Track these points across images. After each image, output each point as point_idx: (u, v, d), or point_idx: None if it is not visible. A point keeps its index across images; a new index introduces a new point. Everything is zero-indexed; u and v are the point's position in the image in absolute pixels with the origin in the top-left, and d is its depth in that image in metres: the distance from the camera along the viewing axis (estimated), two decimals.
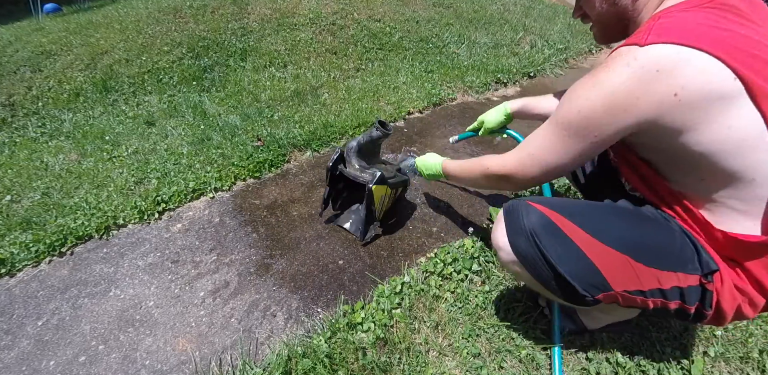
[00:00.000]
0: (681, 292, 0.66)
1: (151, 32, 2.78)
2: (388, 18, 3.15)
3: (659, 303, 0.68)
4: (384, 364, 0.93)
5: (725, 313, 0.65)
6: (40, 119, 2.21)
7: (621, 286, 0.67)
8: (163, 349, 1.02)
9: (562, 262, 0.69)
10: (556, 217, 0.71)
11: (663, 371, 0.91)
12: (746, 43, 0.55)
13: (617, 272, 0.67)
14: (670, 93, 0.55)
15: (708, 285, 0.64)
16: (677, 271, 0.65)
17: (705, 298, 0.65)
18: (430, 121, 2.08)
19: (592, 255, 0.67)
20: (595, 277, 0.68)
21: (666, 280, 0.65)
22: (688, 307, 0.67)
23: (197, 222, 1.43)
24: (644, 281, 0.66)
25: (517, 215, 0.74)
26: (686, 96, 0.54)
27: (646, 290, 0.66)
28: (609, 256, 0.67)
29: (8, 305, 1.15)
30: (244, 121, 1.98)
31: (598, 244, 0.67)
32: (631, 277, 0.67)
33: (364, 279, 1.20)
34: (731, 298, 0.64)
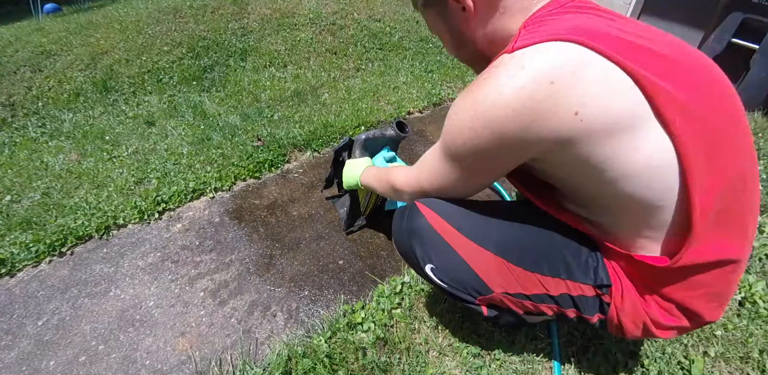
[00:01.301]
0: (573, 301, 0.64)
1: (151, 32, 2.78)
2: (388, 18, 3.15)
3: (556, 309, 0.66)
4: (384, 364, 0.93)
5: (627, 328, 0.62)
6: (40, 119, 2.21)
7: (500, 288, 0.66)
8: (163, 349, 1.02)
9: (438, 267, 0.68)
10: (434, 219, 0.68)
11: (663, 371, 0.91)
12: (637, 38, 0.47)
13: (494, 275, 0.65)
14: (569, 112, 0.44)
15: (604, 297, 0.62)
16: (565, 278, 0.62)
17: (603, 309, 0.63)
18: (430, 121, 2.08)
19: (468, 258, 0.66)
20: (473, 279, 0.67)
21: (553, 286, 0.63)
22: (588, 317, 0.64)
23: (197, 222, 1.43)
24: (526, 285, 0.64)
25: (402, 216, 0.72)
26: (589, 114, 0.44)
27: (530, 294, 0.65)
28: (484, 258, 0.65)
29: (8, 305, 1.15)
30: (244, 121, 1.98)
31: (475, 246, 0.65)
32: (510, 280, 0.65)
33: (364, 279, 1.20)
34: (634, 314, 0.60)
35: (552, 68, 0.44)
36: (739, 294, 1.09)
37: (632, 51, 0.45)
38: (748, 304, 1.07)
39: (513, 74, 0.46)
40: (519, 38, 0.50)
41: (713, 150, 0.48)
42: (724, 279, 0.56)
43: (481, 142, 0.52)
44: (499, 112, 0.48)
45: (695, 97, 0.46)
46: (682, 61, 0.48)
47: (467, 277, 0.67)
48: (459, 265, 0.67)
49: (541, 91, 0.44)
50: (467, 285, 0.68)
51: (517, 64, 0.46)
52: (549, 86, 0.44)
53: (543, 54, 0.45)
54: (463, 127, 0.53)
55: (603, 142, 0.46)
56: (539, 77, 0.45)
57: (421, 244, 0.69)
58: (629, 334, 0.63)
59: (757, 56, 2.12)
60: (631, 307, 0.60)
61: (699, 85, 0.48)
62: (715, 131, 0.48)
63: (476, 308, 0.72)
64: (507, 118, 0.47)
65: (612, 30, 0.47)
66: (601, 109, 0.44)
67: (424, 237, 0.69)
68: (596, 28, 0.47)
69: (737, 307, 1.07)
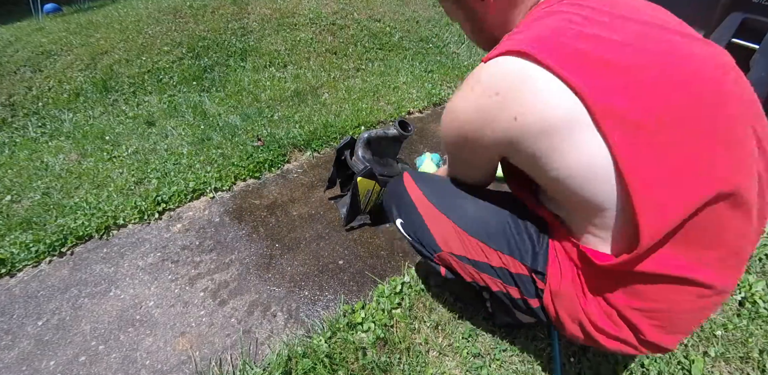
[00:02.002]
0: (512, 278, 0.69)
1: (151, 32, 2.78)
2: (388, 18, 3.15)
3: (500, 285, 0.71)
4: (384, 364, 0.93)
5: (564, 321, 0.63)
6: (40, 119, 2.21)
7: (447, 247, 0.76)
8: (163, 349, 1.02)
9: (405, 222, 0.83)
10: (411, 186, 0.83)
11: (663, 371, 0.91)
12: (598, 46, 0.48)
13: (443, 234, 0.76)
14: (510, 118, 0.51)
15: (538, 282, 0.66)
16: (505, 253, 0.69)
17: (540, 294, 0.67)
18: (430, 121, 2.08)
19: (425, 216, 0.79)
20: (428, 237, 0.78)
21: (493, 258, 0.70)
22: (529, 299, 0.68)
23: (197, 222, 1.43)
24: (469, 250, 0.73)
25: (392, 182, 0.91)
26: (527, 120, 0.50)
27: (471, 259, 0.73)
28: (437, 217, 0.77)
29: (8, 305, 1.15)
30: (244, 121, 1.98)
31: (431, 206, 0.78)
32: (455, 241, 0.75)
33: (364, 279, 1.20)
34: (570, 306, 0.61)
35: (498, 82, 0.52)
36: (739, 294, 1.09)
37: (584, 63, 0.47)
38: (748, 304, 1.07)
39: (472, 86, 0.56)
40: (501, 43, 0.55)
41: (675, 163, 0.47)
42: (673, 298, 0.53)
43: (455, 141, 0.65)
44: (459, 118, 0.60)
45: (658, 110, 0.46)
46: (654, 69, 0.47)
47: (424, 234, 0.80)
48: (419, 224, 0.80)
49: (488, 102, 0.53)
50: (424, 241, 0.80)
51: (477, 77, 0.55)
52: (495, 97, 0.52)
53: (494, 68, 0.53)
54: (443, 125, 0.66)
55: (540, 141, 0.51)
56: (487, 90, 0.53)
57: (397, 202, 0.86)
58: (568, 332, 0.64)
59: (757, 56, 2.12)
60: (568, 297, 0.61)
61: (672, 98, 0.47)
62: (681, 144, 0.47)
63: (435, 267, 0.83)
64: (465, 123, 0.59)
65: (578, 39, 0.49)
66: (537, 115, 0.49)
67: (400, 198, 0.85)
68: (559, 36, 0.50)
69: (737, 307, 1.07)
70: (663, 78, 0.47)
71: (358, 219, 1.38)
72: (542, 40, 0.50)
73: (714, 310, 0.60)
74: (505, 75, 0.51)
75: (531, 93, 0.49)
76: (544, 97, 0.48)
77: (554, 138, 0.49)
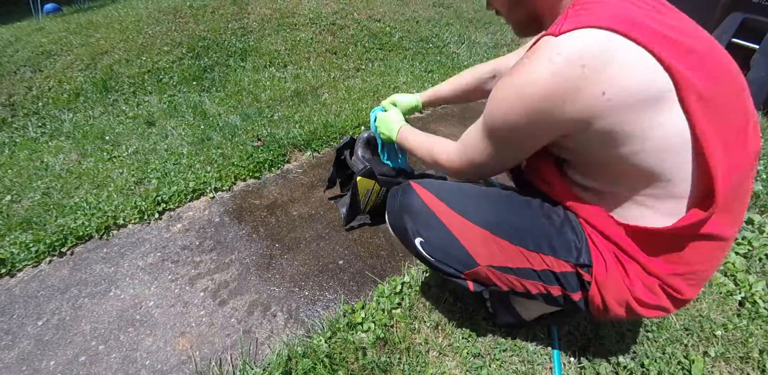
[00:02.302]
0: (556, 277, 0.66)
1: (151, 32, 2.78)
2: (388, 18, 3.15)
3: (541, 287, 0.68)
4: (384, 364, 0.93)
5: (610, 306, 0.65)
6: (40, 119, 2.21)
7: (485, 260, 0.69)
8: (163, 349, 1.02)
9: (426, 240, 0.73)
10: (428, 196, 0.74)
11: (663, 371, 0.91)
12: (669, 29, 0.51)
13: (480, 247, 0.69)
14: (598, 92, 0.49)
15: (584, 276, 0.64)
16: (547, 254, 0.66)
17: (585, 286, 0.66)
18: (430, 121, 2.08)
19: (456, 231, 0.71)
20: (460, 252, 0.71)
21: (536, 261, 0.67)
22: (571, 294, 0.67)
23: (197, 222, 1.43)
24: (511, 258, 0.68)
25: (396, 195, 0.80)
26: (615, 94, 0.49)
27: (515, 268, 0.68)
28: (471, 231, 0.70)
29: (8, 305, 1.15)
30: (244, 121, 1.98)
31: (463, 220, 0.70)
32: (495, 253, 0.69)
33: (365, 279, 1.20)
34: (616, 291, 0.63)
35: (584, 53, 0.49)
36: (739, 294, 1.09)
37: (663, 41, 0.49)
38: (748, 304, 1.07)
39: (550, 58, 0.51)
40: (566, 21, 0.53)
41: (729, 142, 0.52)
42: (708, 256, 0.59)
43: (516, 117, 0.57)
44: (535, 90, 0.53)
45: (714, 88, 0.50)
46: (708, 57, 0.52)
47: (454, 249, 0.71)
48: (447, 238, 0.71)
49: (574, 73, 0.49)
50: (453, 258, 0.72)
51: (555, 49, 0.51)
52: (580, 69, 0.49)
53: (578, 40, 0.50)
54: (503, 102, 0.58)
55: (626, 117, 0.50)
56: (572, 61, 0.49)
57: (413, 218, 0.75)
58: (612, 313, 0.65)
59: (757, 56, 2.12)
60: (614, 283, 0.62)
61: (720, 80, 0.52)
62: (731, 126, 0.53)
63: (462, 283, 0.75)
64: (541, 96, 0.53)
65: (650, 21, 0.50)
66: (625, 89, 0.48)
67: (415, 212, 0.75)
68: (634, 17, 0.50)
69: (737, 307, 1.07)
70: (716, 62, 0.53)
71: (357, 219, 1.38)
72: (619, 18, 0.49)
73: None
74: (592, 46, 0.48)
75: (621, 66, 0.48)
76: (634, 71, 0.48)
77: (641, 113, 0.49)
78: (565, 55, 0.50)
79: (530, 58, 0.54)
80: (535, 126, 0.57)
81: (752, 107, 0.57)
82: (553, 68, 0.51)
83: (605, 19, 0.49)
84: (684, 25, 0.54)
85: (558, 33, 0.52)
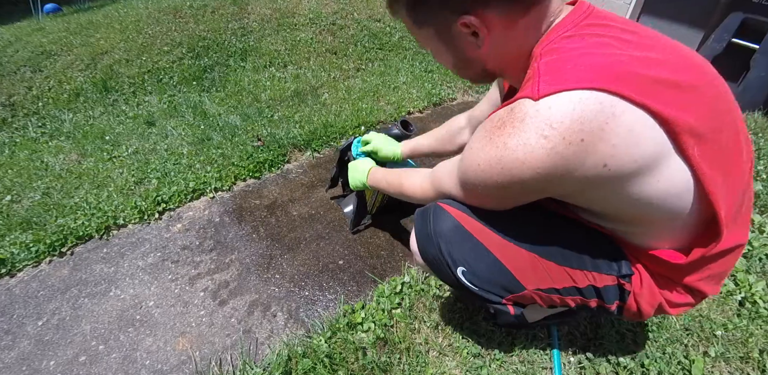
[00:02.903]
0: (598, 291, 0.67)
1: (151, 32, 2.78)
2: (388, 18, 3.15)
3: (579, 301, 0.69)
4: (384, 364, 0.93)
5: (644, 311, 0.67)
6: (40, 119, 2.21)
7: (533, 284, 0.67)
8: (163, 349, 1.02)
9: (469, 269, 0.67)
10: (464, 218, 0.67)
11: (663, 371, 0.91)
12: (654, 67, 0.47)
13: (527, 271, 0.66)
14: (599, 164, 0.46)
15: (625, 285, 0.65)
16: (591, 270, 0.66)
17: (624, 296, 0.66)
18: (430, 121, 2.08)
19: (501, 255, 0.66)
20: (507, 278, 0.67)
21: (580, 279, 0.66)
22: (608, 305, 0.68)
23: (197, 222, 1.43)
24: (557, 279, 0.66)
25: (427, 219, 0.71)
26: (617, 165, 0.46)
27: (560, 288, 0.67)
28: (517, 255, 0.66)
29: (8, 305, 1.15)
30: (244, 121, 1.98)
31: (507, 243, 0.66)
32: (543, 276, 0.66)
33: (365, 279, 1.20)
34: (651, 297, 0.65)
35: (582, 125, 0.44)
36: (739, 294, 1.09)
37: (654, 87, 0.45)
38: (748, 304, 1.07)
39: (543, 133, 0.46)
40: (541, 79, 0.47)
41: (726, 167, 0.52)
42: (729, 262, 0.62)
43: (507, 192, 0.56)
44: (528, 170, 0.49)
45: (708, 119, 0.48)
46: (695, 82, 0.49)
47: (500, 276, 0.67)
48: (492, 265, 0.66)
49: (572, 149, 0.45)
50: (499, 285, 0.68)
51: (544, 121, 0.46)
52: (579, 144, 0.45)
53: (568, 108, 0.45)
54: (482, 173, 0.55)
55: (629, 181, 0.48)
56: (570, 136, 0.45)
57: (452, 245, 0.68)
58: (645, 315, 0.68)
59: (757, 56, 2.12)
60: (648, 291, 0.65)
61: (710, 106, 0.50)
62: (725, 148, 0.52)
63: (502, 308, 0.71)
64: (536, 175, 0.49)
65: (631, 63, 0.46)
66: (629, 157, 0.46)
67: (454, 238, 0.67)
68: (615, 64, 0.46)
69: (737, 307, 1.07)
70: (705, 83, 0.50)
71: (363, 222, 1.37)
72: (602, 71, 0.45)
73: None
74: (590, 116, 0.44)
75: (621, 133, 0.44)
76: (635, 136, 0.45)
77: (644, 175, 0.48)
78: (560, 130, 0.45)
79: (514, 127, 0.49)
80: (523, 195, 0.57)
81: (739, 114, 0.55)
82: (548, 146, 0.46)
83: (588, 76, 0.45)
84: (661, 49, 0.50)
85: (537, 96, 0.46)
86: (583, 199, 0.57)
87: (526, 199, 0.60)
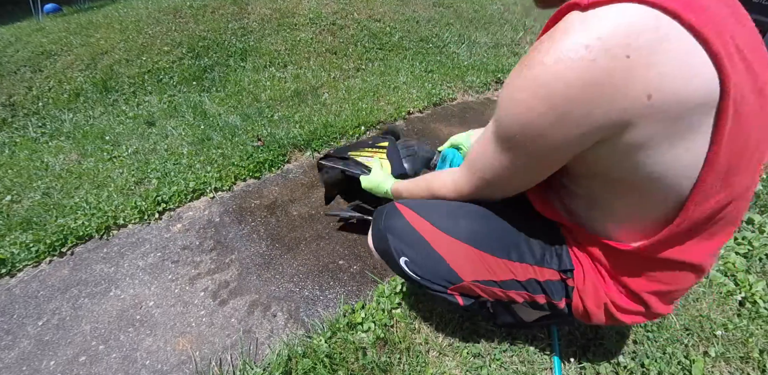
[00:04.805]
0: (541, 286, 0.67)
1: (151, 32, 2.78)
2: (388, 18, 3.15)
3: (526, 296, 0.69)
4: (384, 364, 0.93)
5: (591, 311, 0.65)
6: (40, 119, 2.21)
7: (470, 276, 0.69)
8: (163, 349, 1.02)
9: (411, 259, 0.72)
10: (411, 215, 0.73)
11: (663, 371, 0.91)
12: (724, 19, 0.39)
13: (464, 262, 0.69)
14: (642, 95, 0.38)
15: (568, 281, 0.65)
16: (532, 264, 0.67)
17: (568, 293, 0.67)
18: (430, 121, 2.08)
19: (439, 247, 0.70)
20: (445, 270, 0.70)
21: (521, 272, 0.67)
22: (556, 302, 0.68)
23: (197, 222, 1.43)
24: (495, 271, 0.68)
25: (381, 216, 0.77)
26: (663, 101, 0.38)
27: (499, 281, 0.68)
28: (454, 246, 0.69)
29: (9, 305, 1.15)
30: (244, 121, 1.98)
31: (447, 237, 0.69)
32: (480, 268, 0.68)
33: (365, 279, 1.20)
34: (595, 296, 0.64)
35: (629, 39, 0.37)
36: (739, 294, 1.09)
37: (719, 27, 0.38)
38: (748, 304, 1.07)
39: (586, 43, 0.38)
40: None
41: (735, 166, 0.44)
42: (681, 280, 0.59)
43: (538, 119, 0.44)
44: (564, 85, 0.40)
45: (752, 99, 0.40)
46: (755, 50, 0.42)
47: (439, 267, 0.70)
48: (431, 256, 0.70)
49: (616, 66, 0.38)
50: (438, 276, 0.71)
51: (591, 30, 0.39)
52: (624, 61, 0.37)
53: (621, 21, 0.38)
54: (521, 104, 0.45)
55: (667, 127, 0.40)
56: (615, 50, 0.37)
57: (397, 238, 0.73)
58: (594, 317, 0.66)
59: None
60: (592, 288, 0.64)
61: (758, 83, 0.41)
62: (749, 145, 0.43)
63: (449, 298, 0.74)
64: (572, 92, 0.40)
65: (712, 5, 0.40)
66: (673, 96, 0.38)
67: (400, 232, 0.73)
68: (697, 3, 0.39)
69: (737, 307, 1.07)
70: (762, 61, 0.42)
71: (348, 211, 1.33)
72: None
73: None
74: (639, 30, 0.37)
75: (673, 59, 0.37)
76: (689, 68, 0.37)
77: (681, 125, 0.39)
78: (605, 40, 0.38)
79: (554, 41, 0.41)
80: (552, 136, 0.45)
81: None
82: (589, 57, 0.38)
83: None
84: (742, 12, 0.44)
85: (587, 3, 0.39)
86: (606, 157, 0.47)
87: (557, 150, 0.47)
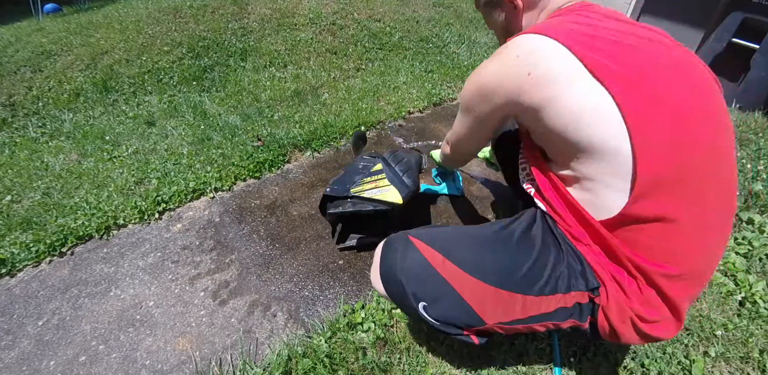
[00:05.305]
0: (570, 312, 0.66)
1: (151, 32, 2.78)
2: (388, 18, 3.15)
3: (551, 325, 0.68)
4: (384, 364, 0.93)
5: (617, 328, 0.64)
6: (40, 119, 2.21)
7: (495, 319, 0.67)
8: (163, 349, 1.02)
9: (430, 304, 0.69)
10: (428, 252, 0.70)
11: (663, 371, 0.91)
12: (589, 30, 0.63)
13: (490, 306, 0.66)
14: (524, 73, 0.63)
15: (596, 299, 0.64)
16: (564, 293, 0.65)
17: (594, 312, 0.65)
18: (430, 121, 2.08)
19: (463, 291, 0.67)
20: (467, 314, 0.67)
21: (552, 303, 0.65)
22: (582, 324, 0.67)
23: (197, 222, 1.43)
24: (523, 310, 0.66)
25: (394, 253, 0.72)
26: (536, 73, 0.61)
27: (526, 317, 0.66)
28: (480, 289, 0.66)
29: (9, 305, 1.15)
30: (244, 121, 1.98)
31: (470, 278, 0.67)
32: (507, 309, 0.66)
33: (365, 279, 1.20)
34: (619, 311, 0.63)
35: (518, 48, 0.65)
36: (739, 294, 1.09)
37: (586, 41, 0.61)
38: (748, 304, 1.07)
39: (498, 53, 0.69)
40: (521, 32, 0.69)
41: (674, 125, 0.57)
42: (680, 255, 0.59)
43: (471, 96, 0.76)
44: (483, 76, 0.71)
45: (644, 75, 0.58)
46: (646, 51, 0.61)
47: (462, 312, 0.68)
48: (455, 301, 0.67)
49: (509, 62, 0.66)
50: (459, 320, 0.69)
51: (503, 48, 0.68)
52: (515, 59, 0.65)
53: (518, 40, 0.66)
54: (465, 88, 0.77)
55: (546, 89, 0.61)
56: (509, 54, 0.66)
57: (413, 281, 0.69)
58: (624, 336, 0.64)
59: (757, 56, 2.12)
60: (615, 304, 0.63)
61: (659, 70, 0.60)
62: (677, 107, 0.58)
63: (465, 338, 0.71)
64: (487, 80, 0.70)
65: (581, 28, 0.64)
66: (545, 67, 0.61)
67: (417, 273, 0.69)
68: (566, 26, 0.65)
69: (737, 307, 1.07)
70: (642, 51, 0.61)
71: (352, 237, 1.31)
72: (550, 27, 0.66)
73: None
74: (524, 44, 0.65)
75: (543, 55, 0.62)
76: (553, 58, 0.61)
77: (558, 85, 0.60)
78: (506, 51, 0.67)
79: (492, 56, 0.71)
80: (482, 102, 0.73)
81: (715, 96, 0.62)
82: (496, 60, 0.69)
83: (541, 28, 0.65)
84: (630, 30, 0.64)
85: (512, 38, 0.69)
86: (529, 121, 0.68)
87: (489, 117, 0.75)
